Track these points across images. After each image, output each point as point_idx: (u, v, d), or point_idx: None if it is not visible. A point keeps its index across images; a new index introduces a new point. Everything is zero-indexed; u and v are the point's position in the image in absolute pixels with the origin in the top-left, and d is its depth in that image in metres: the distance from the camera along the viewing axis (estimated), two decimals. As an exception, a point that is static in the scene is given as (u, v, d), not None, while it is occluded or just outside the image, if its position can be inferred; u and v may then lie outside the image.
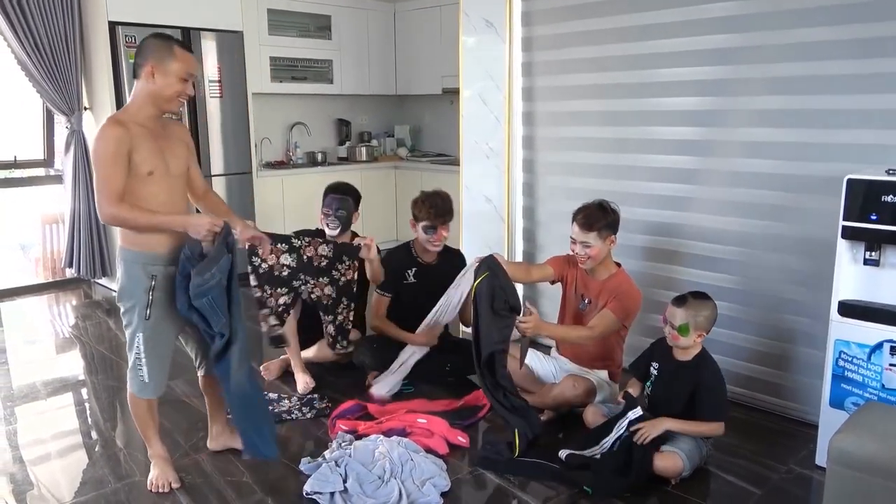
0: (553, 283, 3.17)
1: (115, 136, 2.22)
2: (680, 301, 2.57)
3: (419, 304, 3.26)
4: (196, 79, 2.39)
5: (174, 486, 2.54)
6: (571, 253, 2.96)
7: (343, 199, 3.42)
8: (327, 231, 3.42)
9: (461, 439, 2.79)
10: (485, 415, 3.05)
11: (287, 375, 3.53)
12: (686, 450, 2.50)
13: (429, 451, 2.68)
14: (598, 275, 2.95)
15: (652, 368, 2.68)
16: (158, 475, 2.55)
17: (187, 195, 2.53)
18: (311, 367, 3.48)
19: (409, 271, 3.45)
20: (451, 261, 3.47)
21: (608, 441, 2.54)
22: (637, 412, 2.53)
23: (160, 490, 2.51)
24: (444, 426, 2.82)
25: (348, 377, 3.50)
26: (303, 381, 3.35)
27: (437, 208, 3.33)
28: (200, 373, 2.70)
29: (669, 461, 2.46)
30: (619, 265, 3.00)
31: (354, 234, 3.52)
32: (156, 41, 2.32)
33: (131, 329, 2.41)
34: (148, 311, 2.36)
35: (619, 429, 2.52)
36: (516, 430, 2.71)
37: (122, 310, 2.43)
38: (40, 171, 5.40)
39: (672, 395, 2.58)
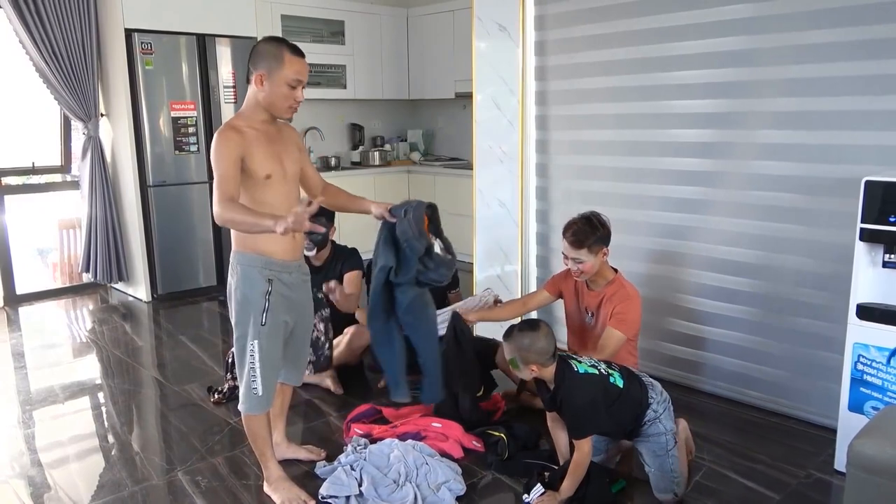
0: (554, 300, 3.14)
1: (229, 140, 2.19)
2: (506, 335, 2.39)
3: None
4: (304, 84, 2.30)
5: (309, 502, 2.41)
6: (565, 266, 2.90)
7: (316, 219, 3.36)
8: (305, 251, 3.41)
9: (476, 444, 2.79)
10: (499, 419, 3.05)
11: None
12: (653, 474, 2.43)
13: (444, 454, 2.68)
14: (596, 285, 2.88)
15: (546, 400, 2.49)
16: (290, 498, 2.43)
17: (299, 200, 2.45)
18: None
19: None
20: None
21: None
22: (538, 490, 2.41)
23: None
24: (459, 430, 2.81)
25: (362, 381, 3.51)
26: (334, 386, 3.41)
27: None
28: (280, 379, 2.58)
29: None
30: (616, 270, 2.90)
31: (335, 245, 3.56)
32: (267, 47, 2.26)
33: (245, 339, 2.31)
34: (264, 317, 2.29)
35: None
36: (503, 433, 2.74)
37: (234, 319, 2.34)
38: (58, 177, 5.47)
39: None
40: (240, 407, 2.42)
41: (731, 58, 3.08)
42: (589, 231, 2.76)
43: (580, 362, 2.38)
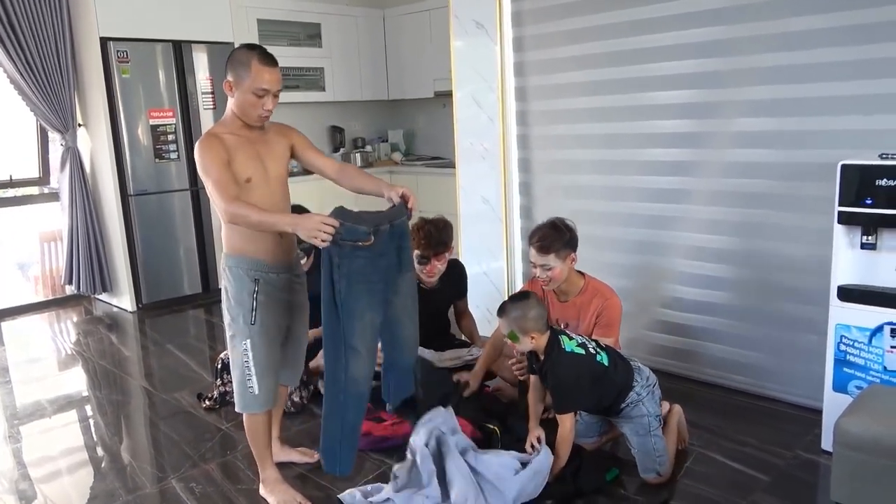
0: None
1: (212, 147, 2.21)
2: (500, 311, 2.46)
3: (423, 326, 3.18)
4: (271, 93, 2.27)
5: None
6: (534, 275, 2.86)
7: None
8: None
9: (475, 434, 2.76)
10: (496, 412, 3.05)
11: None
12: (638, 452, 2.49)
13: None
14: (566, 296, 2.85)
15: (535, 370, 2.56)
16: (286, 500, 2.44)
17: (289, 200, 2.46)
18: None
19: None
20: (451, 277, 3.35)
21: None
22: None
23: None
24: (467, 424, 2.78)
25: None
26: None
27: (430, 238, 3.14)
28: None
29: None
30: (583, 275, 2.87)
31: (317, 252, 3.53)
32: (237, 54, 2.27)
33: (237, 339, 2.33)
34: (253, 316, 2.30)
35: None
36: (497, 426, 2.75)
37: (228, 321, 2.36)
38: (36, 190, 5.40)
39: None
40: (237, 407, 2.42)
41: (706, 48, 3.12)
42: (555, 236, 2.72)
43: (570, 339, 2.44)
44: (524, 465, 2.40)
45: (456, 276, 3.43)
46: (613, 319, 2.76)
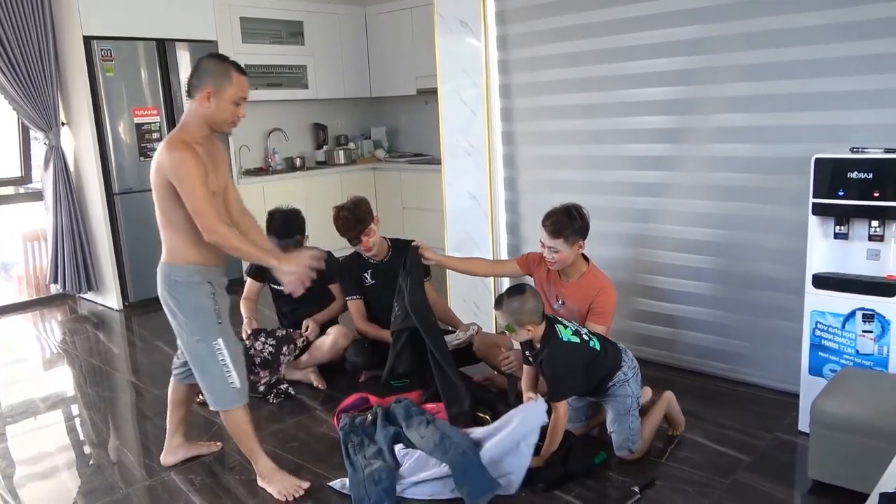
0: (522, 275, 3.24)
1: (193, 158, 2.24)
2: (497, 304, 2.55)
3: (384, 302, 3.30)
4: (245, 101, 2.38)
5: (304, 486, 2.53)
6: (542, 252, 2.96)
7: (285, 242, 3.42)
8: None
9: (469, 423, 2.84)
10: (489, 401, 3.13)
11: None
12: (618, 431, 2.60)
13: None
14: (569, 277, 2.95)
15: (529, 358, 2.64)
16: (286, 487, 2.51)
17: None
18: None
19: (366, 274, 3.52)
20: (402, 251, 3.44)
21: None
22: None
23: (298, 495, 2.49)
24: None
25: (342, 377, 3.58)
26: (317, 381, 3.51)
27: (347, 224, 3.35)
28: (175, 380, 2.73)
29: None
30: (587, 260, 2.98)
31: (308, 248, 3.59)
32: (213, 64, 2.32)
33: (207, 340, 2.39)
34: (218, 315, 2.41)
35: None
36: (489, 416, 2.84)
37: (187, 327, 2.41)
38: (18, 189, 5.38)
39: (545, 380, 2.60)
40: (215, 406, 2.48)
41: (687, 46, 3.23)
42: (567, 222, 2.82)
43: (565, 328, 2.54)
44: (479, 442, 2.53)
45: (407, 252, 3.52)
46: (608, 308, 2.86)
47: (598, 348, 2.55)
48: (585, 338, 2.55)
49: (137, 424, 3.28)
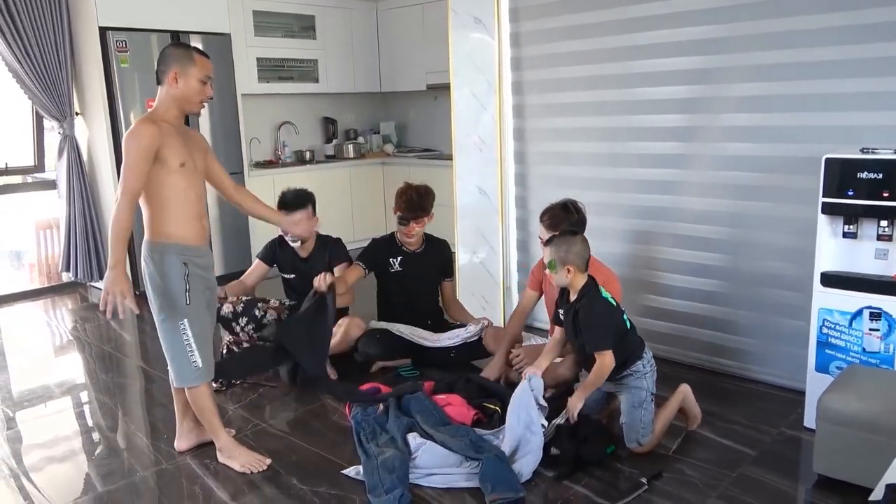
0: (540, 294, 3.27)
1: (147, 133, 2.37)
2: (547, 241, 2.66)
3: (405, 290, 3.43)
4: (211, 81, 2.55)
5: (267, 462, 2.65)
6: (542, 249, 2.97)
7: (295, 208, 3.44)
8: (290, 243, 3.55)
9: (479, 415, 2.87)
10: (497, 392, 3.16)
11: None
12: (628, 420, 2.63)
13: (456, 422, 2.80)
14: None
15: (560, 314, 2.71)
16: (248, 461, 2.64)
17: (205, 195, 2.66)
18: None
19: (395, 259, 3.60)
20: (437, 248, 3.68)
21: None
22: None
23: (261, 469, 2.61)
24: (462, 402, 2.90)
25: (355, 367, 3.62)
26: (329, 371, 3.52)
27: (410, 203, 3.46)
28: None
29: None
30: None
31: (319, 234, 3.64)
32: (176, 49, 2.53)
33: (173, 319, 2.50)
34: (188, 297, 2.48)
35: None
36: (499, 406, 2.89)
37: (156, 304, 2.52)
38: (32, 178, 5.43)
39: (575, 336, 2.63)
40: (178, 383, 2.59)
41: (699, 46, 3.26)
42: (564, 216, 2.91)
43: (604, 290, 2.62)
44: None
45: (443, 251, 3.70)
46: (611, 293, 2.89)
47: (628, 326, 2.63)
48: (620, 309, 2.64)
49: (155, 411, 3.33)
